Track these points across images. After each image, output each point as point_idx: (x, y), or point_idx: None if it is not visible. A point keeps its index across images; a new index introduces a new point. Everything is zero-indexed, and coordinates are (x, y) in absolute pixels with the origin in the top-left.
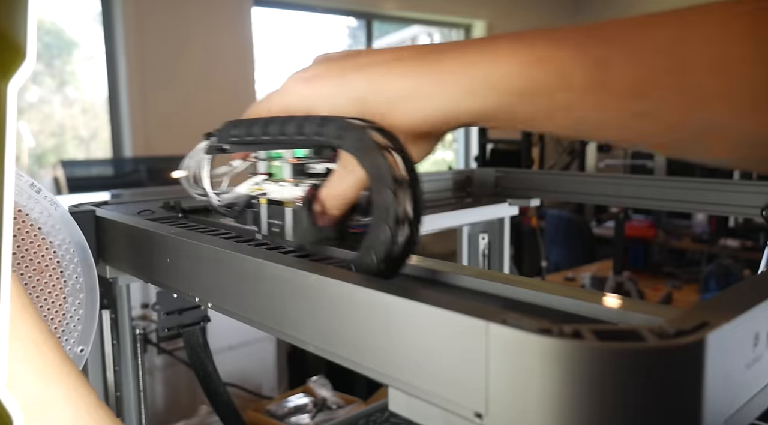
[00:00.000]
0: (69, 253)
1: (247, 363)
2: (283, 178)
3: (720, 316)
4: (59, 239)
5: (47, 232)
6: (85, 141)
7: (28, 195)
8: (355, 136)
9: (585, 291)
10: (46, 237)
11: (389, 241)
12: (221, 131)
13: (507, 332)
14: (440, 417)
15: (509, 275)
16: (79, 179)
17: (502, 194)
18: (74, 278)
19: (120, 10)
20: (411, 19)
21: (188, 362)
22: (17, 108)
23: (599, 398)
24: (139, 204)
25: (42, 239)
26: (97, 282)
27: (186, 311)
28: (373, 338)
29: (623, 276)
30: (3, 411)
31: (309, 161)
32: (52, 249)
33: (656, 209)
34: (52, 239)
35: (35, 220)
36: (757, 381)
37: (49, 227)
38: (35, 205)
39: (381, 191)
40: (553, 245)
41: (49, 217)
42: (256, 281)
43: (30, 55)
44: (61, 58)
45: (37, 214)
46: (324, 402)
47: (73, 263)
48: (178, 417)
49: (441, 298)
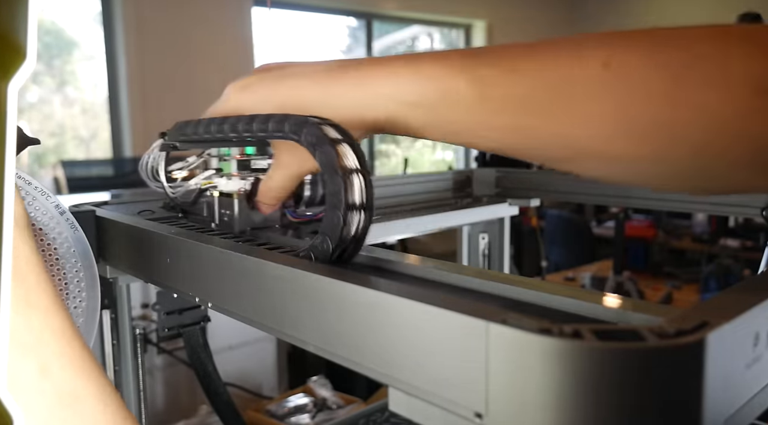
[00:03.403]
0: (69, 252)
1: (247, 363)
2: (231, 172)
3: (720, 316)
4: (60, 239)
5: (48, 231)
6: (85, 141)
7: (27, 192)
8: (310, 131)
9: (585, 291)
10: (46, 236)
11: (341, 226)
12: (173, 131)
13: (507, 332)
14: (440, 417)
15: (509, 275)
16: (79, 179)
17: (502, 194)
18: (75, 280)
19: (120, 10)
20: (411, 19)
21: (188, 362)
22: (17, 108)
23: (599, 398)
24: (139, 204)
25: (42, 238)
26: (98, 281)
27: (186, 311)
28: (373, 338)
29: (623, 276)
30: (3, 411)
31: (253, 158)
32: (53, 247)
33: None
34: (53, 238)
35: (36, 219)
36: (757, 381)
37: (49, 226)
38: (35, 203)
39: (333, 179)
40: (553, 245)
41: (50, 216)
42: (256, 281)
43: (30, 55)
44: (61, 58)
45: (38, 213)
46: (324, 402)
47: (73, 263)
48: (178, 417)
49: (441, 298)
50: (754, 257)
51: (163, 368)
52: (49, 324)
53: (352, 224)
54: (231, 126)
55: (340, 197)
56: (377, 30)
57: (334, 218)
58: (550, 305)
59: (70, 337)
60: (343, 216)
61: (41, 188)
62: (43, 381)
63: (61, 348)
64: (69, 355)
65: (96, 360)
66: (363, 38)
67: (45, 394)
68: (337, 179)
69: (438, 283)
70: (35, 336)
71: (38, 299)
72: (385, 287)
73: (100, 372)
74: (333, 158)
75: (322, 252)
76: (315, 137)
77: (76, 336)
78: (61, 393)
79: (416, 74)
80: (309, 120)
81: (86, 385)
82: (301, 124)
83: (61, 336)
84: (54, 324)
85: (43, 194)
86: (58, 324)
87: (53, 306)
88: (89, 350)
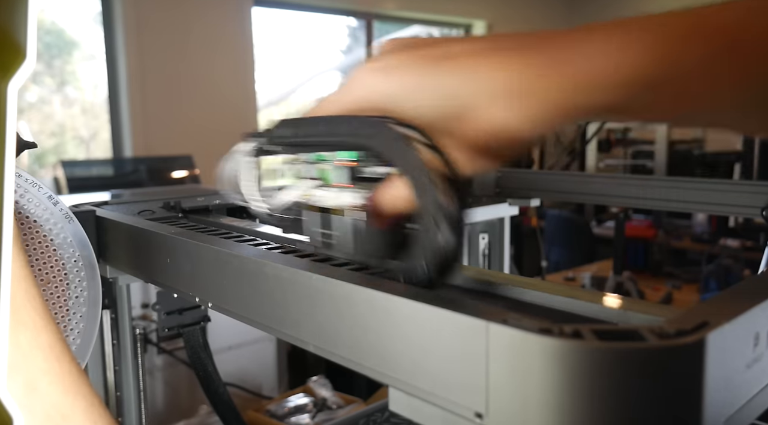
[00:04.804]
0: (69, 252)
1: (247, 363)
2: (338, 183)
3: (720, 316)
4: (60, 238)
5: (48, 230)
6: (85, 141)
7: (26, 191)
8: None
9: (585, 291)
10: (47, 235)
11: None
12: (272, 132)
13: (507, 332)
14: (440, 417)
15: (509, 275)
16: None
17: (502, 194)
18: (76, 280)
19: (120, 10)
20: (411, 19)
21: (188, 362)
22: (17, 108)
23: (599, 398)
24: (139, 204)
25: (43, 238)
26: (99, 280)
27: (186, 311)
28: (373, 338)
29: (623, 276)
30: (3, 411)
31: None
32: (52, 247)
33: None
34: (53, 238)
35: (36, 218)
36: (757, 381)
37: (50, 225)
38: (36, 203)
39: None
40: (553, 245)
41: (51, 215)
42: (256, 281)
43: (30, 55)
44: (61, 58)
45: (38, 212)
46: (324, 402)
47: (74, 262)
48: (178, 417)
49: (441, 298)
50: (754, 257)
51: (163, 368)
52: (38, 340)
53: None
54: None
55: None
56: (377, 30)
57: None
58: (550, 305)
59: (58, 353)
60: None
61: (49, 193)
62: (30, 398)
63: (49, 365)
64: (57, 372)
65: (86, 377)
66: (363, 38)
67: (33, 412)
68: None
69: None
70: (22, 353)
71: (26, 315)
72: (385, 288)
73: (89, 389)
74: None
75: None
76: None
77: (65, 352)
78: (49, 411)
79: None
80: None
81: (74, 403)
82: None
83: (49, 352)
84: (42, 341)
85: (51, 198)
86: (47, 341)
87: (41, 322)
88: (78, 366)
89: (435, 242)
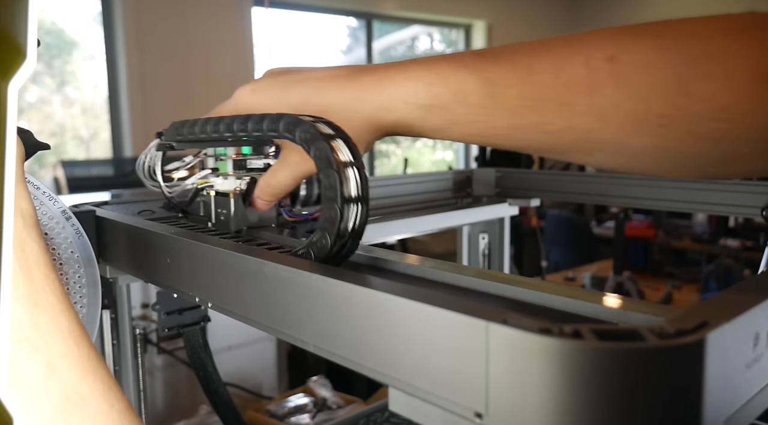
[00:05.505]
0: (68, 252)
1: (247, 363)
2: (227, 172)
3: (720, 316)
4: (60, 238)
5: (48, 230)
6: (85, 141)
7: (34, 196)
8: (304, 128)
9: (585, 291)
10: (47, 235)
11: (339, 220)
12: (169, 130)
13: (507, 332)
14: (440, 417)
15: (509, 275)
16: (79, 179)
17: (502, 194)
18: (76, 278)
19: (120, 10)
20: (411, 19)
21: (188, 362)
22: (17, 108)
23: (599, 398)
24: (139, 204)
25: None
26: (99, 280)
27: (186, 311)
28: (373, 338)
29: (623, 276)
30: (3, 411)
31: (249, 158)
32: (52, 247)
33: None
34: (53, 238)
35: (41, 222)
36: (757, 381)
37: (50, 225)
38: (35, 202)
39: (328, 173)
40: (553, 245)
41: (51, 216)
42: (256, 281)
43: (30, 55)
44: (61, 58)
45: (38, 212)
46: (324, 402)
47: (74, 262)
48: (178, 417)
49: (441, 298)
50: (754, 257)
51: (163, 368)
52: (57, 323)
53: (350, 217)
54: (227, 126)
55: (336, 190)
56: (377, 30)
57: (331, 212)
58: (550, 305)
59: (77, 337)
60: (341, 209)
61: (48, 193)
62: (49, 381)
63: (68, 347)
64: (76, 355)
65: (103, 361)
66: (363, 38)
67: (51, 393)
68: (333, 173)
69: (438, 283)
70: (42, 334)
71: (46, 298)
72: (385, 287)
73: (106, 372)
74: (327, 152)
75: (321, 248)
76: (309, 134)
77: (84, 336)
78: (68, 393)
79: (430, 77)
80: (302, 118)
81: (93, 385)
82: (295, 122)
83: (68, 335)
84: (61, 324)
85: (51, 198)
86: (66, 324)
87: (60, 306)
88: (96, 350)
89: (335, 216)
